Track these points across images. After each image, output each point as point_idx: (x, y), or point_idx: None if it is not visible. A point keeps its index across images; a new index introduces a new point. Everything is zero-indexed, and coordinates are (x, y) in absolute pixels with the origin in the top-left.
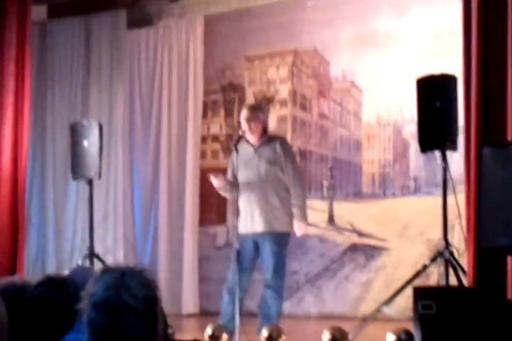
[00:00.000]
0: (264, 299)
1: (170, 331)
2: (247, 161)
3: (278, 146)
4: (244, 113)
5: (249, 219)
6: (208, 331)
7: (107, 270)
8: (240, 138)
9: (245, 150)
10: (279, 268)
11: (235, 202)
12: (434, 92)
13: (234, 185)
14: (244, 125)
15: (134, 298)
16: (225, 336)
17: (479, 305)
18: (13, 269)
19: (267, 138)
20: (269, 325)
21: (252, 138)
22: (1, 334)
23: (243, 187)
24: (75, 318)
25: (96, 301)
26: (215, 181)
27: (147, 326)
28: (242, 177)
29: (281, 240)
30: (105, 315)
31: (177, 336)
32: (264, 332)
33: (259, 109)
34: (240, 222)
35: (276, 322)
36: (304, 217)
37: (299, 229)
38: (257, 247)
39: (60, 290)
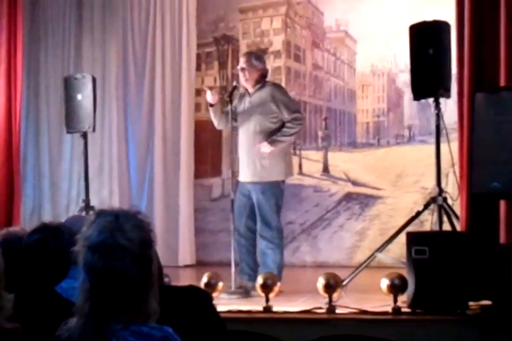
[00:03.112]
0: (261, 249)
1: (166, 280)
2: (243, 110)
3: (270, 92)
4: (240, 61)
5: (241, 168)
6: (204, 279)
7: (101, 213)
8: (234, 89)
9: (242, 99)
10: (267, 218)
11: (232, 151)
12: (427, 39)
13: (227, 114)
14: (240, 74)
15: (128, 240)
16: (220, 284)
17: (472, 249)
18: (9, 224)
19: (262, 84)
20: (264, 273)
21: (247, 85)
22: None
23: (239, 136)
24: (70, 265)
25: (91, 244)
26: (211, 96)
27: (142, 268)
28: (239, 125)
29: (269, 190)
30: (100, 257)
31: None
32: (260, 280)
33: (256, 56)
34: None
35: (275, 271)
36: (273, 142)
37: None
38: (250, 194)
39: (55, 237)
